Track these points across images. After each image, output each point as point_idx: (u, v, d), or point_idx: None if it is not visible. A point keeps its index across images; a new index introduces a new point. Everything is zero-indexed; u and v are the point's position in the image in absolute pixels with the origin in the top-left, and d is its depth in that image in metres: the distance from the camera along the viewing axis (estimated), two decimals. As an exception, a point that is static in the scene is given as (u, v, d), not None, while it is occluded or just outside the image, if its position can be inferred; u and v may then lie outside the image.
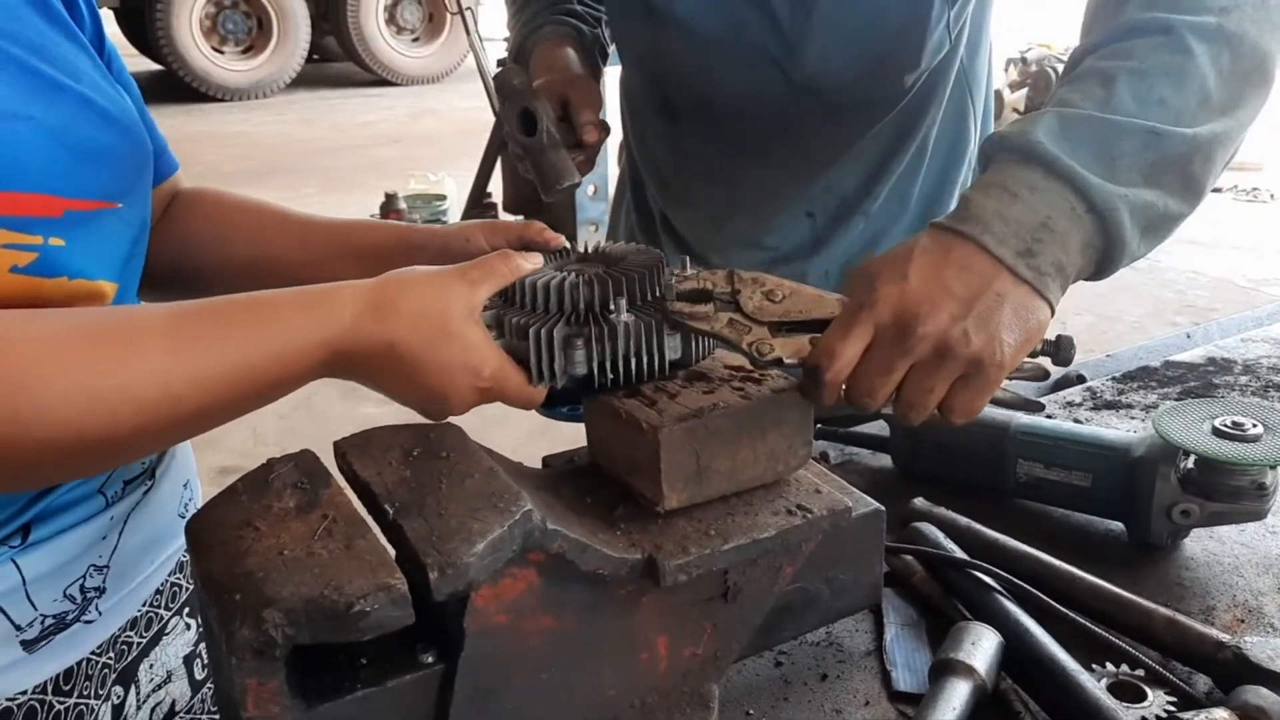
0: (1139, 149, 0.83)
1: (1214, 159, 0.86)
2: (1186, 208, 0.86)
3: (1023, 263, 0.80)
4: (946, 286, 0.79)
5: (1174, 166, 0.84)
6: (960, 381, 0.79)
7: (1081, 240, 0.82)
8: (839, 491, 0.85)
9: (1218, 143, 0.86)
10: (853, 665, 0.91)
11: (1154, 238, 0.86)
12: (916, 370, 0.79)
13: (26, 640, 0.81)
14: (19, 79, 0.73)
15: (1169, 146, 0.84)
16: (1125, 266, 0.87)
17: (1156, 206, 0.84)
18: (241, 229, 1.01)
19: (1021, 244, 0.80)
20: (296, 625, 0.61)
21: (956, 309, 0.78)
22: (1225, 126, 0.86)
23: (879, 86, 1.30)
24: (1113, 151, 0.83)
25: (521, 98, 1.19)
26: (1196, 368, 1.47)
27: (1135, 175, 0.83)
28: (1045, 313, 0.81)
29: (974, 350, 0.78)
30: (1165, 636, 0.89)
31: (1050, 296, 0.81)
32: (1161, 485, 1.02)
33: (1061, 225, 0.81)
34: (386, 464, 0.74)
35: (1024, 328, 0.79)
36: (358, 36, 11.43)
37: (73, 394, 0.64)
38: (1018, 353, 0.80)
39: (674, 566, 0.73)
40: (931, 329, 0.78)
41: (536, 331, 0.78)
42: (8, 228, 0.71)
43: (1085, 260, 0.83)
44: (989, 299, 0.79)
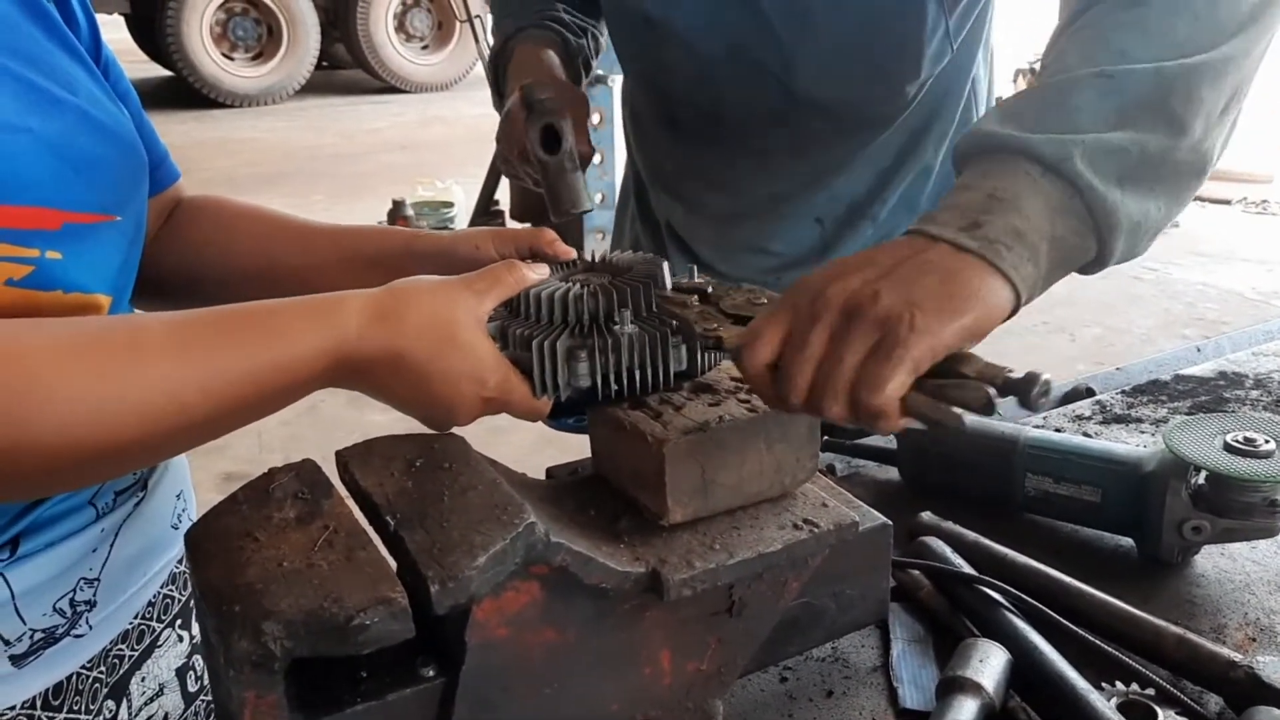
0: (1096, 97, 0.78)
1: (1198, 93, 0.79)
2: (1179, 146, 0.79)
3: (964, 235, 0.73)
4: (869, 257, 0.74)
5: (1146, 105, 0.78)
6: (870, 352, 0.69)
7: (1044, 203, 0.75)
8: (846, 505, 0.84)
9: (1199, 75, 0.79)
10: (859, 682, 0.90)
11: (1148, 184, 0.79)
12: (829, 344, 0.71)
13: (15, 655, 0.80)
14: (16, 91, 0.72)
15: (1131, 85, 0.79)
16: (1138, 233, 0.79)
17: (1131, 150, 0.77)
18: (244, 237, 1.00)
19: (964, 220, 0.74)
20: (296, 638, 0.60)
21: (872, 273, 0.72)
22: (1208, 58, 0.80)
23: (880, 97, 1.29)
24: (1065, 107, 0.78)
25: (547, 113, 1.15)
26: (1207, 382, 1.45)
27: (1099, 123, 0.77)
28: (995, 284, 0.71)
29: (882, 309, 0.69)
30: (1176, 655, 0.88)
31: (1004, 265, 0.72)
32: (1172, 501, 1.01)
33: (1011, 191, 0.75)
34: (388, 474, 0.73)
35: (958, 296, 0.70)
36: (367, 44, 11.47)
37: (79, 402, 0.64)
38: (944, 323, 0.69)
39: (678, 581, 0.72)
40: (839, 288, 0.71)
41: (540, 343, 0.77)
42: (5, 240, 0.70)
43: (1062, 226, 0.75)
44: (914, 264, 0.72)
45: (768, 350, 0.72)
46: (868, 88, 1.27)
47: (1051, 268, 0.75)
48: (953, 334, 0.69)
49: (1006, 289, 0.72)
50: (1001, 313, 0.72)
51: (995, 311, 0.71)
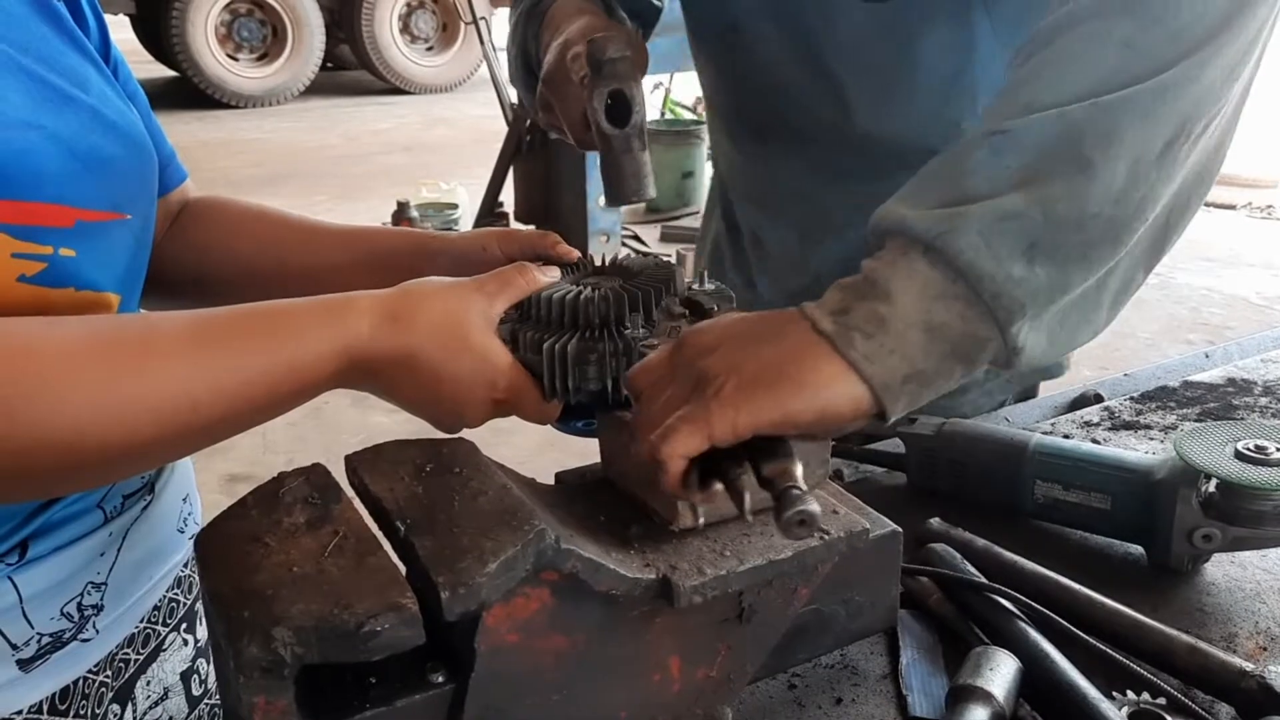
0: (990, 158, 0.70)
1: (1118, 134, 0.69)
2: (1094, 199, 0.68)
3: (828, 318, 0.68)
4: (754, 318, 0.72)
5: (1050, 157, 0.69)
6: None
7: (919, 287, 0.68)
8: (856, 512, 0.84)
9: (1120, 112, 0.69)
10: (868, 689, 0.89)
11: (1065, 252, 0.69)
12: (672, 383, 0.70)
13: (23, 659, 0.80)
14: (28, 88, 0.72)
15: (1028, 137, 0.69)
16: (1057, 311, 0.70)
17: (1031, 214, 0.67)
18: (252, 237, 1.00)
19: (839, 303, 0.69)
20: (306, 644, 0.60)
21: (735, 330, 0.70)
22: (1133, 91, 0.69)
23: (936, 135, 1.22)
24: (955, 174, 0.71)
25: (618, 78, 0.95)
26: (1216, 388, 1.45)
27: (995, 187, 0.69)
28: (836, 373, 0.67)
29: (706, 365, 0.68)
30: (1187, 664, 0.88)
31: (852, 354, 0.67)
32: (1183, 509, 1.00)
33: (884, 274, 0.69)
34: (398, 479, 0.73)
35: (785, 378, 0.66)
36: (371, 45, 11.48)
37: (93, 400, 0.64)
38: (757, 400, 0.66)
39: (689, 588, 0.72)
40: (702, 336, 0.70)
41: (550, 347, 0.77)
42: (19, 237, 0.70)
43: (943, 311, 0.68)
44: (769, 333, 0.69)
45: (643, 377, 0.73)
46: (922, 128, 1.22)
47: (940, 361, 0.69)
48: (765, 415, 0.66)
49: (853, 381, 0.67)
50: (842, 405, 0.67)
51: (831, 403, 0.67)
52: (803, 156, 1.35)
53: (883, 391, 0.68)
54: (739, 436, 0.66)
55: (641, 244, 6.18)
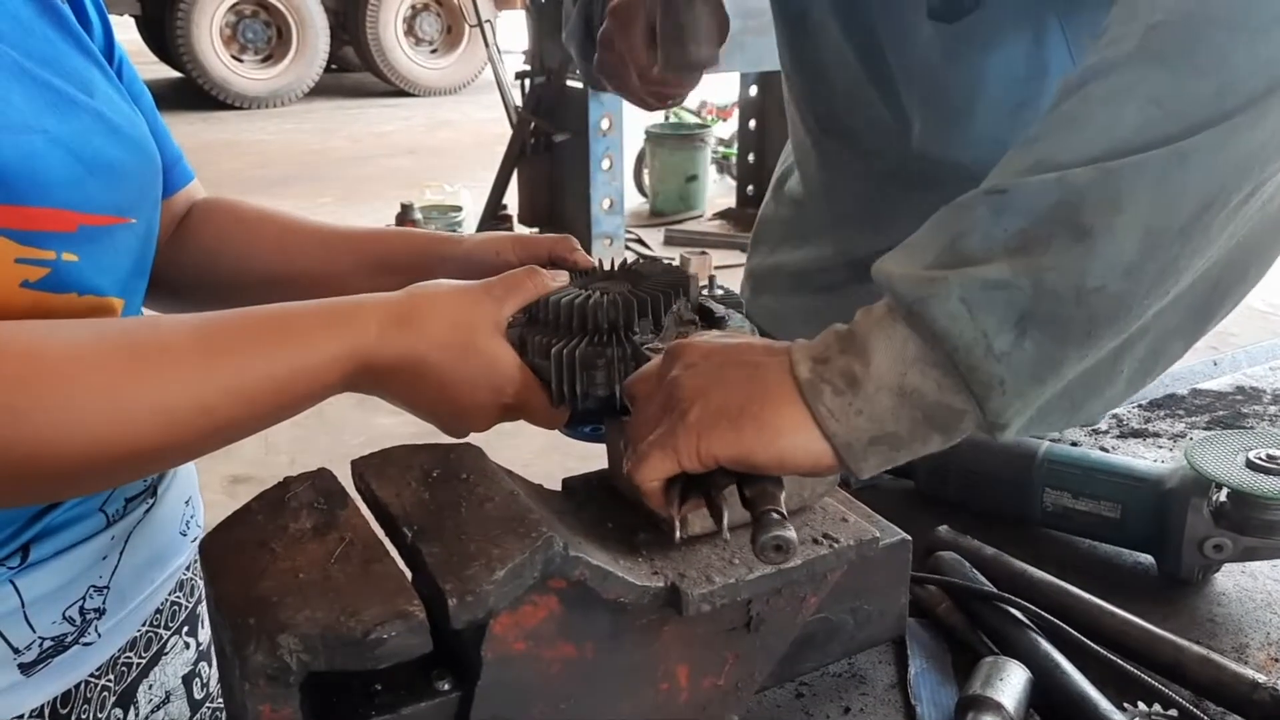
0: (987, 219, 0.65)
1: (1126, 202, 0.63)
2: (1093, 274, 0.63)
3: (806, 364, 0.66)
4: (740, 344, 0.70)
5: (1048, 222, 0.64)
6: None
7: (897, 350, 0.65)
8: (865, 520, 0.83)
9: (1131, 178, 0.63)
10: (876, 699, 0.89)
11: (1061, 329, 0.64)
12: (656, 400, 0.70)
13: (24, 663, 0.79)
14: (31, 92, 0.72)
15: (1025, 200, 0.64)
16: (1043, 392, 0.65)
17: (1020, 285, 0.63)
18: (260, 240, 0.99)
19: (820, 351, 0.67)
20: (312, 652, 0.59)
21: (717, 352, 0.69)
22: (1149, 156, 0.63)
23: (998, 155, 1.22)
24: (949, 233, 0.67)
25: None
26: (1225, 396, 1.44)
27: (988, 251, 0.64)
28: (799, 423, 0.65)
29: (675, 385, 0.67)
30: (1198, 675, 0.87)
31: (817, 407, 0.65)
32: (1193, 518, 0.99)
33: (864, 331, 0.66)
34: (405, 485, 0.72)
35: (748, 414, 0.65)
36: (376, 47, 11.49)
37: (100, 402, 0.63)
38: (719, 431, 0.65)
39: (698, 596, 0.71)
40: (679, 350, 0.70)
41: (558, 352, 0.77)
42: (22, 242, 0.69)
43: (918, 377, 0.65)
44: (750, 363, 0.68)
45: (638, 388, 0.73)
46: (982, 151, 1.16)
47: (914, 426, 0.65)
48: (724, 449, 0.65)
49: (814, 435, 0.65)
50: (798, 455, 0.66)
51: (788, 451, 0.65)
52: (861, 158, 1.33)
53: (844, 450, 0.66)
54: (704, 464, 0.66)
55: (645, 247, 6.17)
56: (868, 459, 0.66)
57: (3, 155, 0.68)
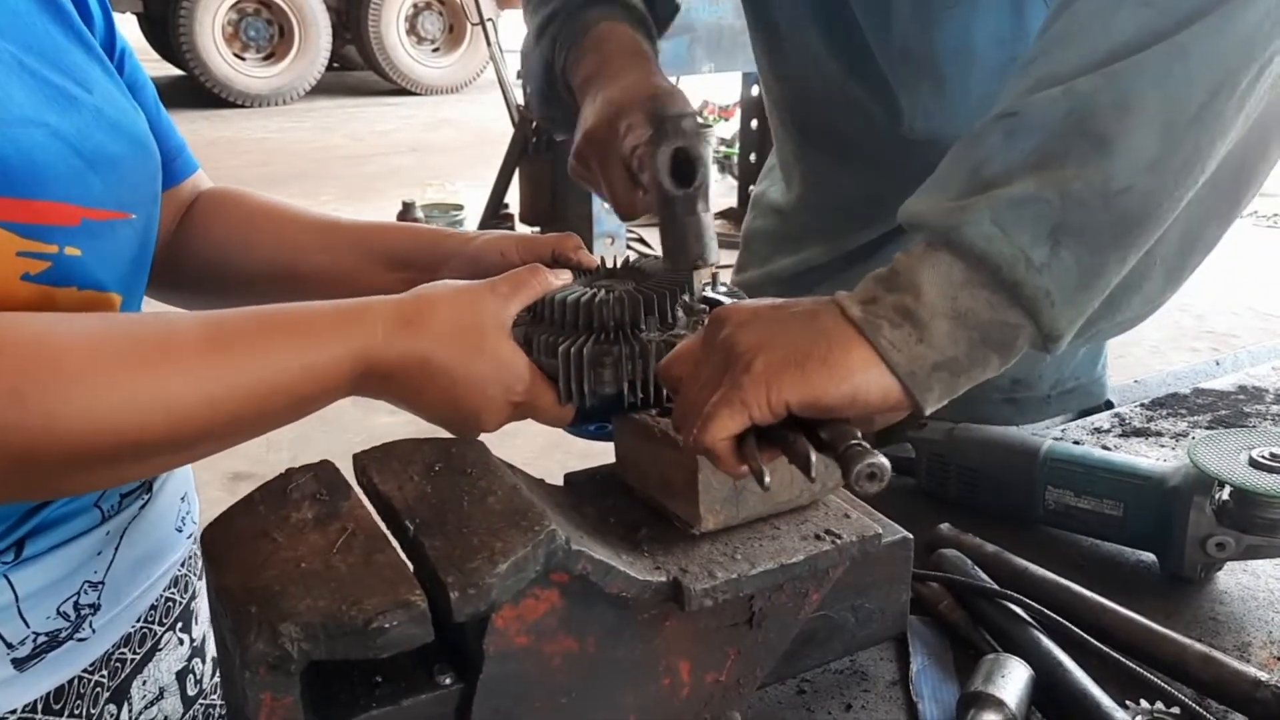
0: (1002, 143, 0.68)
1: (1137, 101, 0.65)
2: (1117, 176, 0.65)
3: (857, 306, 0.68)
4: (784, 303, 0.71)
5: (1061, 136, 0.66)
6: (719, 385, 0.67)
7: (943, 277, 0.68)
8: (866, 517, 0.83)
9: (1136, 76, 0.65)
10: (878, 695, 0.88)
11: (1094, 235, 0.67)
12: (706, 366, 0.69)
13: (17, 659, 0.78)
14: (32, 87, 0.71)
15: (1036, 117, 0.67)
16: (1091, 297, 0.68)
17: (1048, 197, 0.66)
18: (266, 234, 0.99)
19: (867, 293, 0.69)
20: (313, 640, 0.59)
21: (764, 308, 0.70)
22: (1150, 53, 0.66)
23: None
24: (970, 163, 0.70)
25: (682, 134, 0.92)
26: (1227, 396, 1.44)
27: (1009, 172, 0.67)
28: (864, 358, 0.67)
29: (733, 344, 0.67)
30: (1200, 673, 0.86)
31: (879, 342, 0.67)
32: (1196, 516, 0.99)
33: (908, 265, 0.69)
34: (408, 478, 0.72)
35: (814, 357, 0.66)
36: (378, 46, 11.49)
37: (107, 394, 0.63)
38: (786, 375, 0.65)
39: (700, 591, 0.71)
40: (726, 313, 0.69)
41: (566, 350, 0.76)
42: (24, 235, 0.69)
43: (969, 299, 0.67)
44: (799, 315, 0.69)
45: (678, 366, 0.72)
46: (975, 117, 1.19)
47: (971, 348, 0.68)
48: (795, 392, 0.66)
49: (881, 369, 0.67)
50: (870, 391, 0.67)
51: (861, 389, 0.66)
52: (848, 158, 1.33)
53: (909, 380, 0.67)
54: (775, 413, 0.66)
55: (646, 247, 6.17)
56: (931, 388, 0.68)
57: (4, 149, 0.67)
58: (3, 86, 0.69)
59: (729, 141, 7.35)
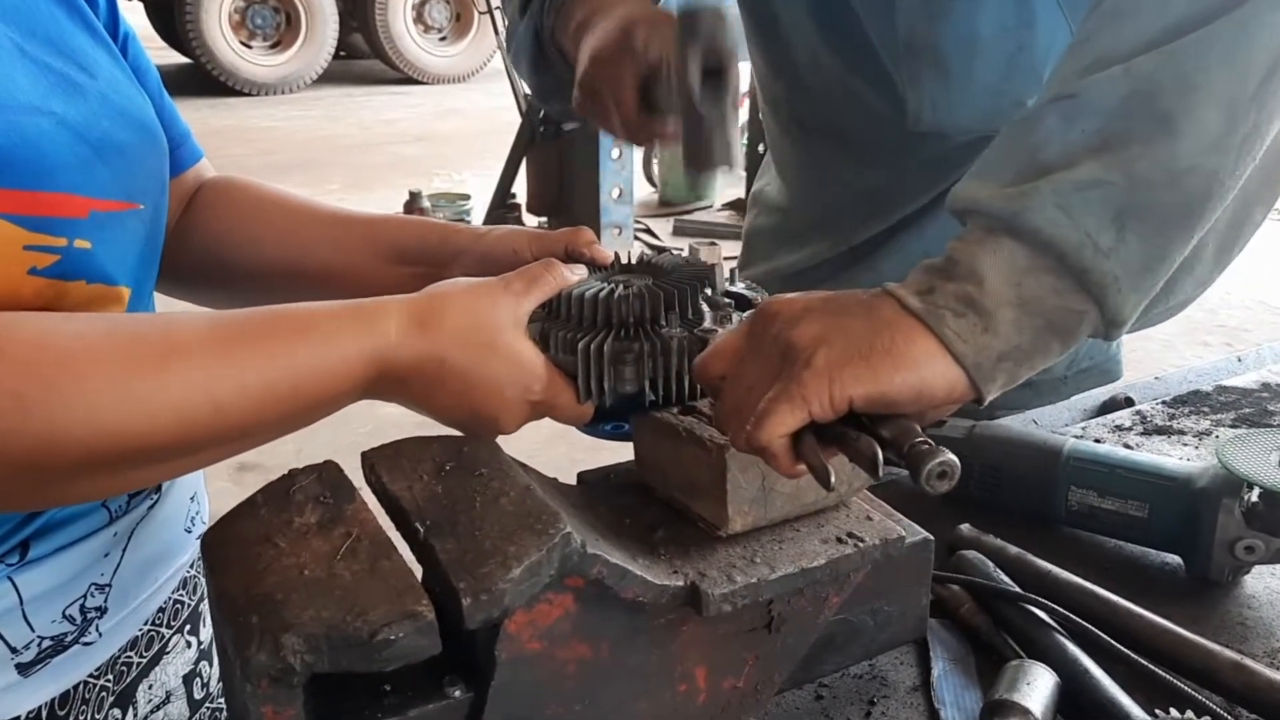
0: (1060, 126, 0.67)
1: (1201, 77, 0.65)
2: (1182, 155, 0.65)
3: (915, 297, 0.67)
4: (834, 294, 0.69)
5: (1123, 117, 0.65)
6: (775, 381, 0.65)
7: (1006, 264, 0.66)
8: (889, 519, 0.81)
9: (1200, 52, 0.64)
10: (898, 701, 0.86)
11: (1159, 218, 0.66)
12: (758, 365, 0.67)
13: (22, 663, 0.76)
14: (36, 74, 0.69)
15: (1097, 98, 0.66)
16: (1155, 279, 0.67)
17: (1113, 180, 0.65)
18: (272, 225, 0.96)
19: (923, 284, 0.68)
20: (316, 652, 0.57)
21: (817, 304, 0.68)
22: (1214, 27, 0.65)
23: (1000, 117, 1.16)
24: (1026, 147, 0.68)
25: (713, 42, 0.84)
26: (1250, 393, 1.41)
27: (1070, 155, 0.66)
28: (930, 351, 0.65)
29: (791, 338, 0.65)
30: (1231, 681, 0.84)
31: (944, 333, 0.65)
32: (1224, 519, 0.96)
33: (967, 254, 0.67)
34: (418, 478, 0.69)
35: (879, 350, 0.64)
36: (385, 34, 11.45)
37: (110, 394, 0.60)
38: (850, 370, 0.63)
39: (719, 596, 0.69)
40: (775, 307, 0.67)
41: (585, 346, 0.74)
42: (31, 229, 0.67)
43: (1035, 285, 0.66)
44: (855, 307, 0.67)
45: (718, 363, 0.70)
46: (982, 108, 1.16)
47: (1036, 335, 0.67)
48: (859, 386, 0.64)
49: (946, 360, 0.65)
50: (937, 384, 0.65)
51: (927, 381, 0.65)
52: (848, 152, 1.30)
53: (975, 371, 0.66)
54: (837, 409, 0.64)
55: (654, 237, 6.14)
56: (996, 378, 0.67)
57: (9, 138, 0.65)
58: (5, 73, 0.67)
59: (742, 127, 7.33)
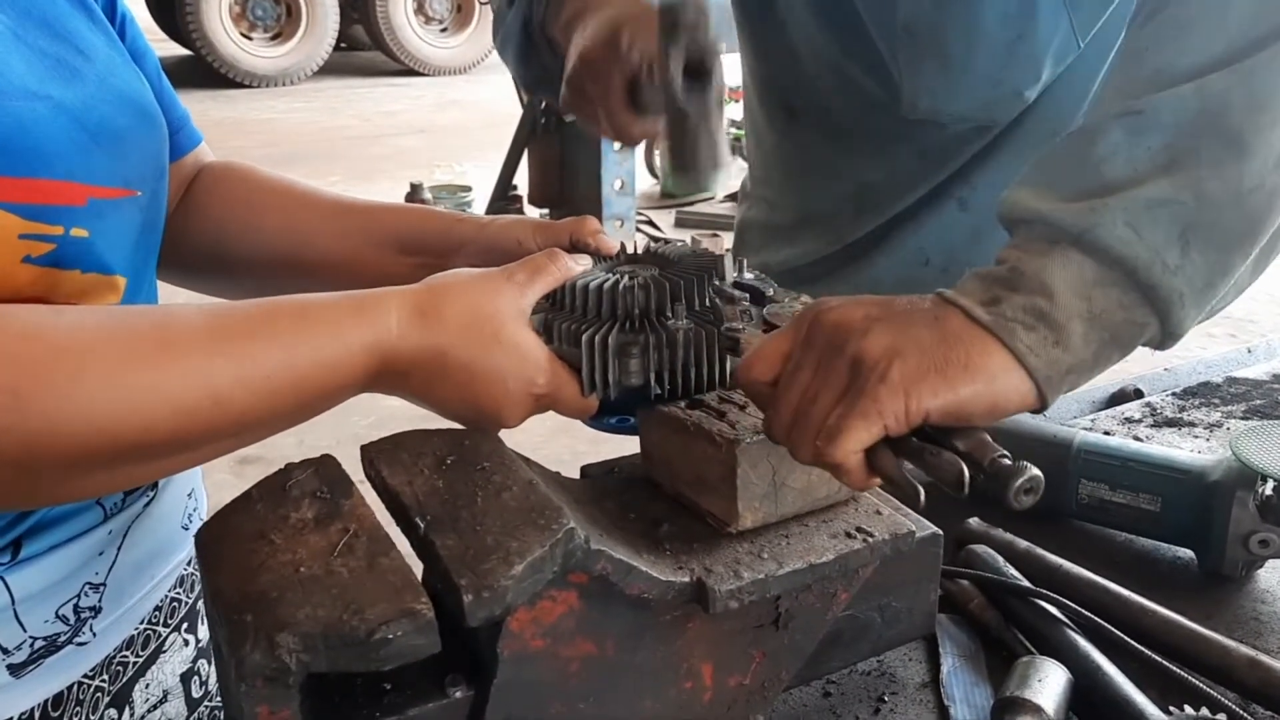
0: (1126, 141, 0.67)
1: (1267, 99, 0.65)
2: (1250, 174, 0.65)
3: (980, 308, 0.66)
4: (890, 299, 0.68)
5: (1193, 134, 0.66)
6: (842, 394, 0.64)
7: (1075, 278, 0.66)
8: (898, 513, 0.79)
9: (1264, 75, 0.65)
10: (907, 698, 0.85)
11: (1223, 234, 0.66)
12: (815, 372, 0.66)
13: (13, 664, 0.75)
14: (30, 58, 0.67)
15: (1165, 116, 0.66)
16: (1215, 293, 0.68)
17: (1182, 199, 0.65)
18: (272, 212, 0.94)
19: (985, 293, 0.67)
20: (312, 651, 0.55)
21: (878, 310, 0.66)
22: (1274, 53, 0.65)
23: (996, 106, 1.18)
24: (1090, 161, 0.68)
25: (694, 41, 0.82)
26: (1261, 385, 1.39)
27: (1136, 172, 0.67)
28: (1003, 364, 0.64)
29: (862, 348, 0.63)
30: (1246, 678, 0.82)
31: (1017, 346, 0.64)
32: (1238, 512, 0.95)
33: (1034, 266, 0.67)
34: (418, 472, 0.68)
35: (953, 363, 0.63)
36: (386, 26, 11.41)
37: (106, 388, 0.59)
38: (926, 384, 0.62)
39: (725, 592, 0.67)
40: (840, 315, 0.66)
41: (590, 338, 0.72)
42: (27, 217, 0.65)
43: (1103, 299, 0.66)
44: (921, 316, 0.66)
45: (765, 368, 0.68)
46: (980, 96, 1.16)
47: (1100, 348, 0.67)
48: (935, 400, 0.62)
49: (1019, 373, 0.64)
50: (1010, 397, 0.64)
51: (1001, 394, 0.64)
52: (842, 139, 1.29)
53: (1045, 384, 0.65)
54: (911, 424, 0.63)
55: (656, 229, 6.12)
56: (1060, 390, 0.67)
57: (4, 124, 0.63)
58: (1, 57, 0.65)
59: (738, 124, 7.29)
